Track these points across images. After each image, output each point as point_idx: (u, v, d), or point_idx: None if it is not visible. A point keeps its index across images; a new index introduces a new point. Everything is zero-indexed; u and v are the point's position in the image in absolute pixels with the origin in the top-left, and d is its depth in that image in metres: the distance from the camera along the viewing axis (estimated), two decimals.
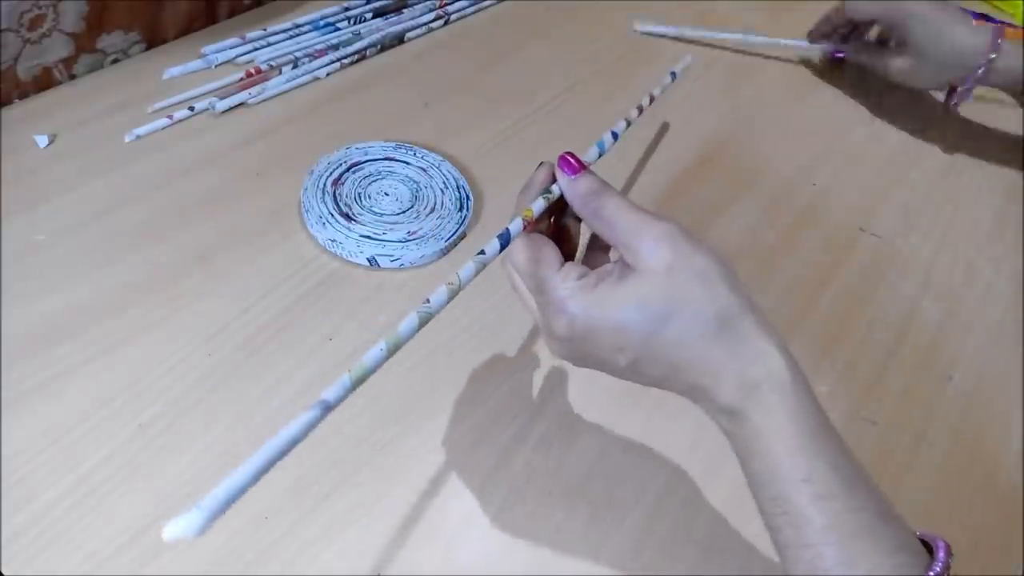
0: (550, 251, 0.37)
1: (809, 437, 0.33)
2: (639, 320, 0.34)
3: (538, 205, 0.39)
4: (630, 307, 0.34)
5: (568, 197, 0.38)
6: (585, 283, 0.35)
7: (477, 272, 0.35)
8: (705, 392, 0.35)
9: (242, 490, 0.25)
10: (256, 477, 0.25)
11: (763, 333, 0.34)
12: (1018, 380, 0.54)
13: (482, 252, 0.36)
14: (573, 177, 0.38)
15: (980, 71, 0.64)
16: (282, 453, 0.26)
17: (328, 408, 0.28)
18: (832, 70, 0.79)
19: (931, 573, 0.32)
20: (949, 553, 0.33)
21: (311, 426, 0.28)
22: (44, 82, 0.62)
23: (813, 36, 0.76)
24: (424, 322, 0.33)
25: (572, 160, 0.38)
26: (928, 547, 0.33)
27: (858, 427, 0.50)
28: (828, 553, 0.32)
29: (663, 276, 0.34)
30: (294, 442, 0.27)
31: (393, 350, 0.31)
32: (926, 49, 0.66)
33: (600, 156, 0.42)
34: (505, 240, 0.37)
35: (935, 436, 0.51)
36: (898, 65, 0.68)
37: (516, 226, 0.37)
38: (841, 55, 0.75)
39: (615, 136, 0.43)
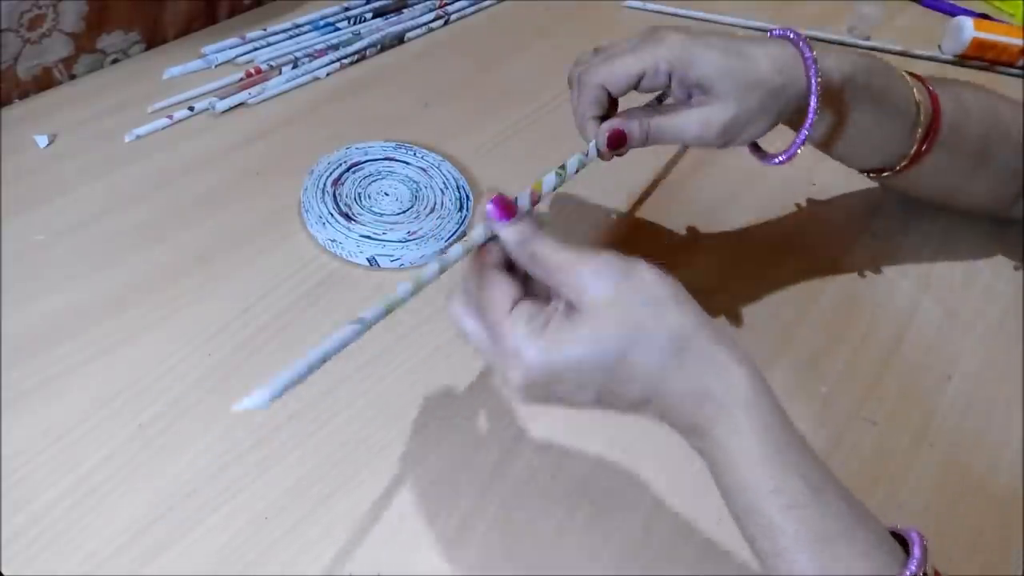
0: (506, 288, 0.35)
1: (775, 449, 0.33)
2: (596, 358, 0.33)
3: (549, 179, 0.40)
4: (585, 346, 0.33)
5: (502, 242, 0.37)
6: (535, 326, 0.34)
7: (487, 237, 0.37)
8: (672, 415, 0.35)
9: (299, 378, 0.34)
10: (310, 369, 0.34)
11: (720, 348, 0.34)
12: (1018, 380, 0.54)
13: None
14: (504, 223, 0.36)
15: (812, 71, 0.44)
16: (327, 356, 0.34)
17: (366, 325, 0.34)
18: None
19: (907, 572, 0.32)
20: (924, 547, 0.33)
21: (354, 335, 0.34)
22: (44, 82, 0.62)
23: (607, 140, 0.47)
24: (442, 269, 0.36)
25: (501, 203, 0.36)
26: (904, 542, 0.34)
27: (858, 427, 0.50)
28: (802, 560, 0.32)
29: (609, 309, 0.33)
30: (342, 345, 0.34)
31: (415, 291, 0.35)
32: (740, 77, 0.44)
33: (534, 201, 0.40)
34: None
35: (935, 436, 0.51)
36: (714, 115, 0.44)
37: (523, 199, 0.38)
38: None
39: (558, 176, 0.42)
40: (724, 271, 0.58)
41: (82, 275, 0.50)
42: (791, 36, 0.46)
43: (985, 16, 0.87)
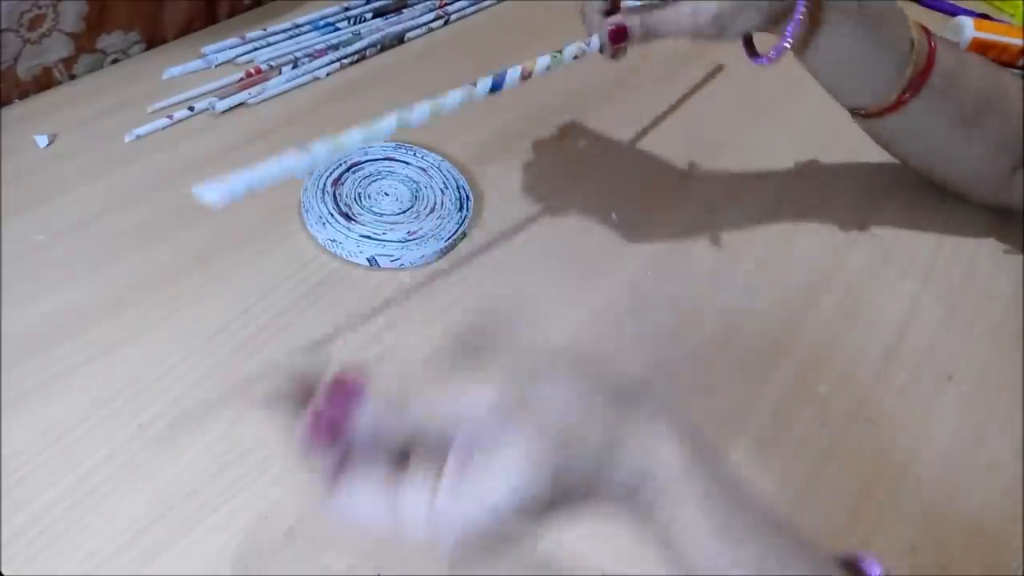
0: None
1: (727, 524, 0.31)
2: (532, 486, 0.30)
3: (543, 60, 0.44)
4: (519, 478, 0.30)
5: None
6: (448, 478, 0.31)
7: (463, 103, 0.40)
8: (619, 501, 0.32)
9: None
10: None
11: (653, 426, 0.32)
12: (1018, 380, 0.54)
13: (474, 84, 0.42)
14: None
15: None
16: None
17: (308, 149, 0.37)
18: None
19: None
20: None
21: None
22: (44, 82, 0.62)
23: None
24: (402, 124, 0.39)
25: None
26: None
27: (858, 427, 0.50)
28: None
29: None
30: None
31: (368, 140, 0.38)
32: None
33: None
34: (499, 82, 0.42)
35: (935, 436, 0.51)
36: (706, 4, 0.46)
37: (513, 72, 0.43)
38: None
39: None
40: (724, 270, 0.58)
41: (82, 275, 0.50)
42: None
43: (985, 16, 0.87)
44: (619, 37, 0.48)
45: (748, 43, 0.53)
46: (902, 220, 0.64)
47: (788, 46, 0.49)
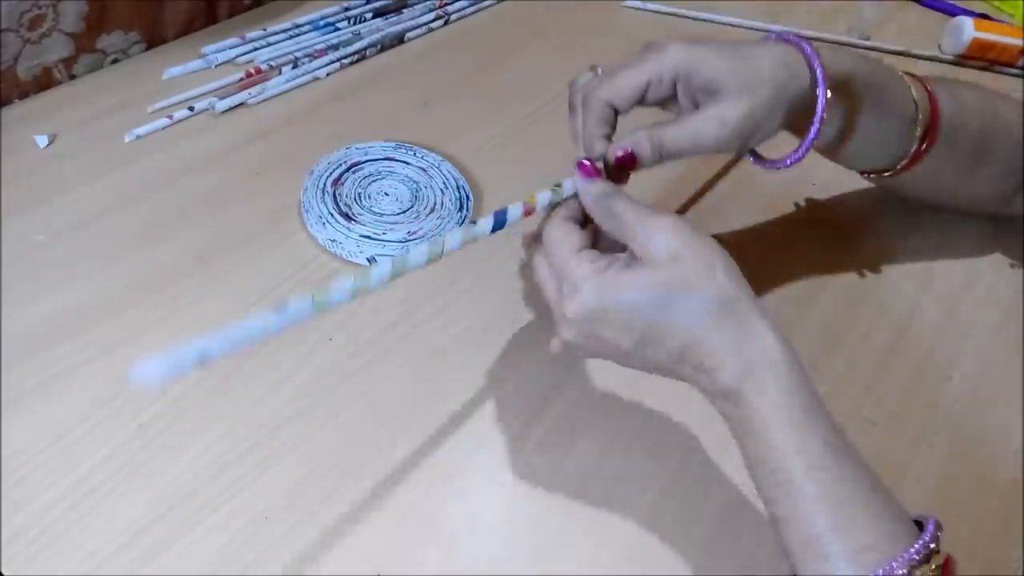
0: (576, 237, 0.39)
1: (802, 413, 0.35)
2: (644, 303, 0.36)
3: (543, 196, 0.42)
4: (638, 291, 0.36)
5: (581, 196, 0.41)
6: (597, 267, 0.38)
7: (464, 243, 0.39)
8: (707, 374, 0.37)
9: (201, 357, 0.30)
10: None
11: (759, 317, 0.37)
12: (1018, 380, 0.54)
13: (474, 223, 0.40)
14: (587, 179, 0.41)
15: (815, 63, 0.43)
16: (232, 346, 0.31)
17: (283, 310, 0.33)
18: None
19: (919, 543, 0.33)
20: (939, 527, 0.34)
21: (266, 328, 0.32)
22: (44, 82, 0.62)
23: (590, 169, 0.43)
24: (397, 272, 0.37)
25: (588, 165, 0.42)
26: (920, 526, 0.35)
27: (858, 427, 0.50)
28: (820, 521, 0.34)
29: (667, 263, 0.37)
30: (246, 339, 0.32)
31: (360, 292, 0.35)
32: (748, 73, 0.43)
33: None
34: (501, 221, 0.40)
35: (935, 436, 0.51)
36: (729, 112, 0.43)
37: (515, 208, 0.41)
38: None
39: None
40: None
41: (82, 275, 0.50)
42: (789, 38, 0.45)
43: (985, 16, 0.87)
44: (628, 165, 0.43)
45: (756, 155, 0.50)
46: (902, 221, 0.64)
47: (813, 139, 0.45)
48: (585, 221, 0.42)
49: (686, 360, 0.37)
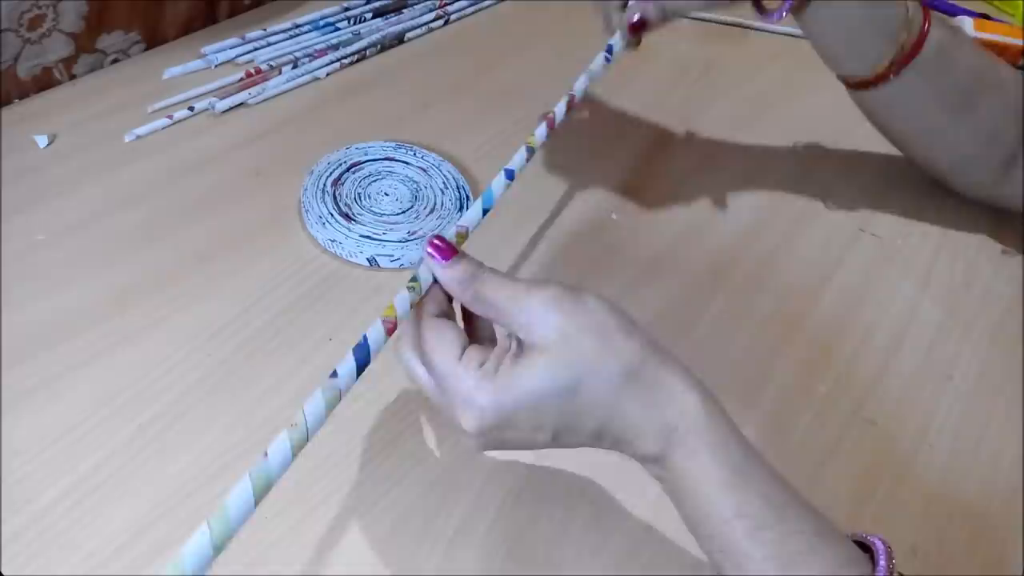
0: (451, 336, 0.36)
1: (733, 472, 0.33)
2: (550, 395, 0.33)
3: (401, 299, 0.36)
4: (537, 383, 0.33)
5: (445, 286, 0.37)
6: (485, 371, 0.34)
7: (330, 408, 0.33)
8: (629, 445, 0.35)
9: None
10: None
11: (670, 374, 0.34)
12: (1018, 380, 0.54)
13: (334, 374, 0.34)
14: (444, 264, 0.36)
15: None
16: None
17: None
18: None
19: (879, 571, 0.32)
20: (889, 554, 0.33)
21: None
22: (44, 82, 0.62)
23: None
24: (257, 491, 0.32)
25: (441, 245, 0.37)
26: (868, 549, 0.33)
27: (858, 427, 0.50)
28: None
29: (559, 345, 0.33)
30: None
31: (263, 488, 0.31)
32: None
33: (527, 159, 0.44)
34: (364, 357, 0.34)
35: (935, 436, 0.51)
36: None
37: (376, 331, 0.35)
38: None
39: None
40: (723, 270, 0.58)
41: (82, 275, 0.50)
42: None
43: (985, 16, 0.87)
44: (639, 28, 0.49)
45: (756, 1, 0.55)
46: (902, 220, 0.64)
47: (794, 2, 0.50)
48: (455, 310, 0.39)
49: (605, 437, 0.35)
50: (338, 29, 0.72)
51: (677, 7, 0.49)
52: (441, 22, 0.76)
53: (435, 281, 0.37)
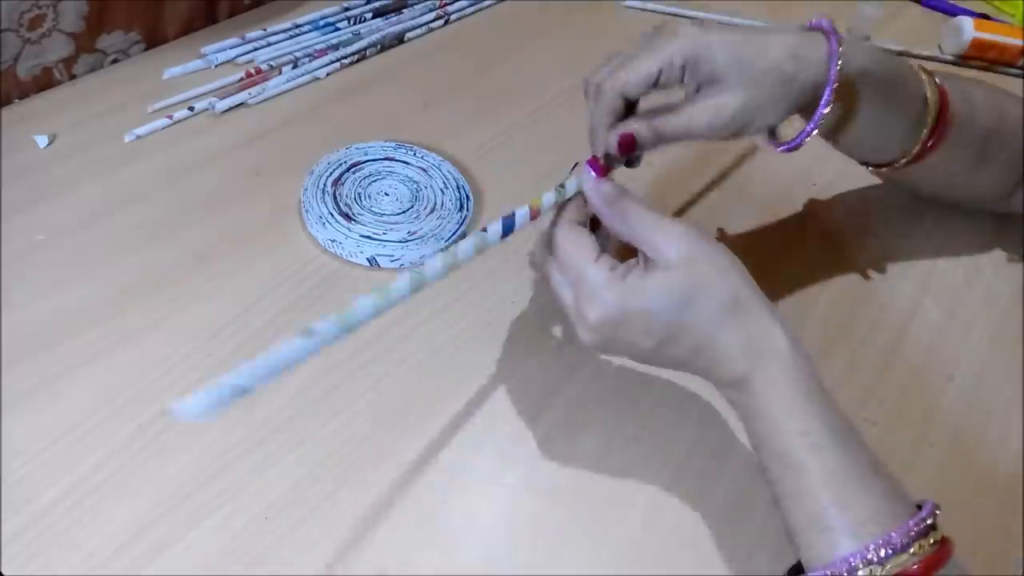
0: (588, 243, 0.40)
1: (804, 398, 0.38)
2: (664, 306, 0.38)
3: (548, 197, 0.42)
4: (657, 295, 0.38)
5: (591, 199, 0.42)
6: (616, 274, 0.39)
7: (476, 251, 0.40)
8: (719, 367, 0.39)
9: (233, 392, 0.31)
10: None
11: (768, 312, 0.39)
12: (1018, 380, 0.54)
13: (484, 230, 0.40)
14: (597, 180, 0.42)
15: (833, 61, 0.44)
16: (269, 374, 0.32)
17: (311, 333, 0.33)
18: None
19: (917, 517, 0.35)
20: (936, 507, 0.36)
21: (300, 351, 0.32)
22: (44, 82, 0.62)
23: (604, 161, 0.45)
24: (416, 286, 0.37)
25: (598, 165, 0.43)
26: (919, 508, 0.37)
27: (858, 427, 0.50)
28: (823, 497, 0.36)
29: (683, 268, 0.39)
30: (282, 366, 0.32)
31: (382, 309, 0.36)
32: (752, 64, 0.43)
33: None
34: (509, 226, 0.41)
35: (935, 436, 0.51)
36: (724, 103, 0.43)
37: (522, 212, 0.41)
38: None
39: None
40: None
41: (82, 275, 0.50)
42: (824, 25, 0.46)
43: (985, 16, 0.87)
44: (626, 147, 0.44)
45: (770, 131, 0.49)
46: (903, 221, 0.64)
47: (814, 131, 0.46)
48: (592, 224, 0.43)
49: (700, 355, 0.39)
50: (338, 29, 0.72)
51: (672, 129, 0.44)
52: (441, 22, 0.76)
53: (576, 195, 0.43)
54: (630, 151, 0.45)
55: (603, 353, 0.43)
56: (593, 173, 0.42)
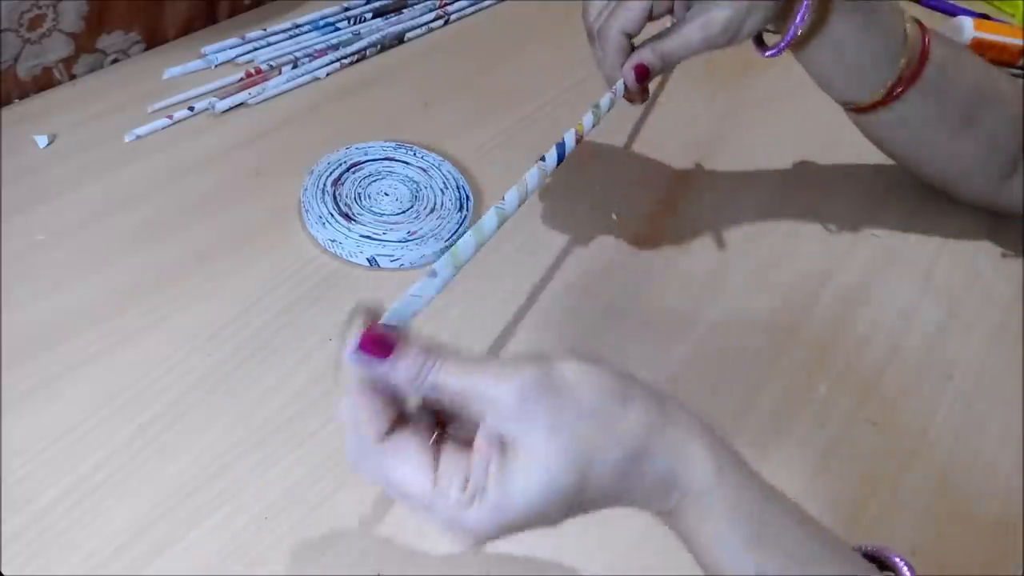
0: (412, 461, 0.30)
1: (752, 530, 0.31)
2: (553, 499, 0.30)
3: (587, 119, 0.44)
4: (537, 495, 0.29)
5: (398, 384, 0.31)
6: (473, 492, 0.29)
7: (541, 177, 0.41)
8: (646, 507, 0.32)
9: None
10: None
11: (677, 437, 0.31)
12: (1018, 380, 0.54)
13: (543, 159, 0.42)
14: (388, 364, 0.30)
15: None
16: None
17: (434, 273, 0.34)
18: None
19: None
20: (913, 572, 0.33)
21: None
22: (44, 82, 0.62)
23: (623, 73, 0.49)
24: (501, 219, 0.38)
25: (377, 338, 0.30)
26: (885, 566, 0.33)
27: (858, 427, 0.50)
28: None
29: (552, 443, 0.29)
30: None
31: (480, 243, 0.36)
32: None
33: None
34: (561, 153, 0.43)
35: (935, 436, 0.51)
36: (713, 17, 0.47)
37: (569, 136, 0.43)
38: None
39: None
40: (724, 270, 0.58)
41: (82, 275, 0.50)
42: None
43: (985, 16, 0.87)
44: (642, 76, 0.48)
45: (757, 38, 0.53)
46: (902, 221, 0.64)
47: (795, 36, 0.49)
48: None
49: (620, 506, 0.32)
50: (338, 29, 0.72)
51: (674, 52, 0.48)
52: (441, 22, 0.76)
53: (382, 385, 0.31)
54: (645, 79, 0.49)
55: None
56: (378, 355, 0.30)
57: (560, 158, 0.43)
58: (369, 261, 0.53)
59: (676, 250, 0.59)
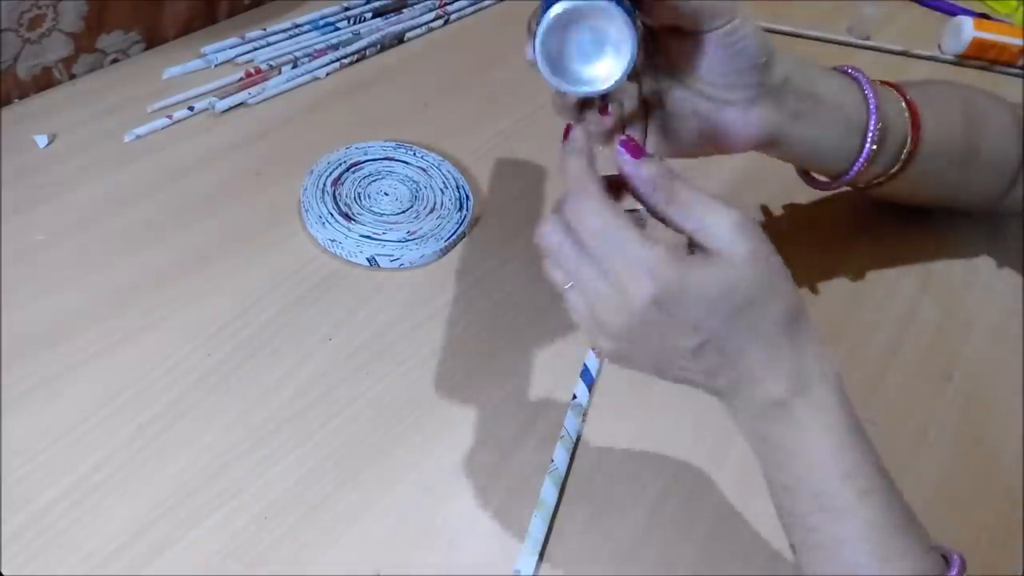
0: (628, 218, 0.34)
1: (852, 434, 0.34)
2: (730, 298, 0.33)
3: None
4: (721, 287, 0.33)
5: (635, 182, 0.35)
6: (675, 249, 0.33)
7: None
8: (757, 386, 0.34)
9: None
10: None
11: (815, 330, 0.35)
12: (1018, 380, 0.54)
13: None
14: (637, 161, 0.35)
15: (872, 118, 0.48)
16: None
17: None
18: None
19: (953, 572, 0.33)
20: (963, 564, 0.34)
21: None
22: (44, 82, 0.62)
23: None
24: None
25: (634, 143, 0.36)
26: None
27: None
28: (863, 549, 0.33)
29: (749, 264, 0.33)
30: None
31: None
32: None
33: None
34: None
35: (935, 436, 0.51)
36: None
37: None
38: None
39: None
40: None
41: (82, 275, 0.50)
42: (847, 71, 0.48)
43: (985, 16, 0.87)
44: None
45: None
46: (902, 221, 0.64)
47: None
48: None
49: (738, 367, 0.34)
50: (338, 29, 0.72)
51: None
52: (441, 22, 0.76)
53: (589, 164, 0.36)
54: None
55: (622, 356, 0.36)
56: (629, 154, 0.36)
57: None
58: (369, 261, 0.53)
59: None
